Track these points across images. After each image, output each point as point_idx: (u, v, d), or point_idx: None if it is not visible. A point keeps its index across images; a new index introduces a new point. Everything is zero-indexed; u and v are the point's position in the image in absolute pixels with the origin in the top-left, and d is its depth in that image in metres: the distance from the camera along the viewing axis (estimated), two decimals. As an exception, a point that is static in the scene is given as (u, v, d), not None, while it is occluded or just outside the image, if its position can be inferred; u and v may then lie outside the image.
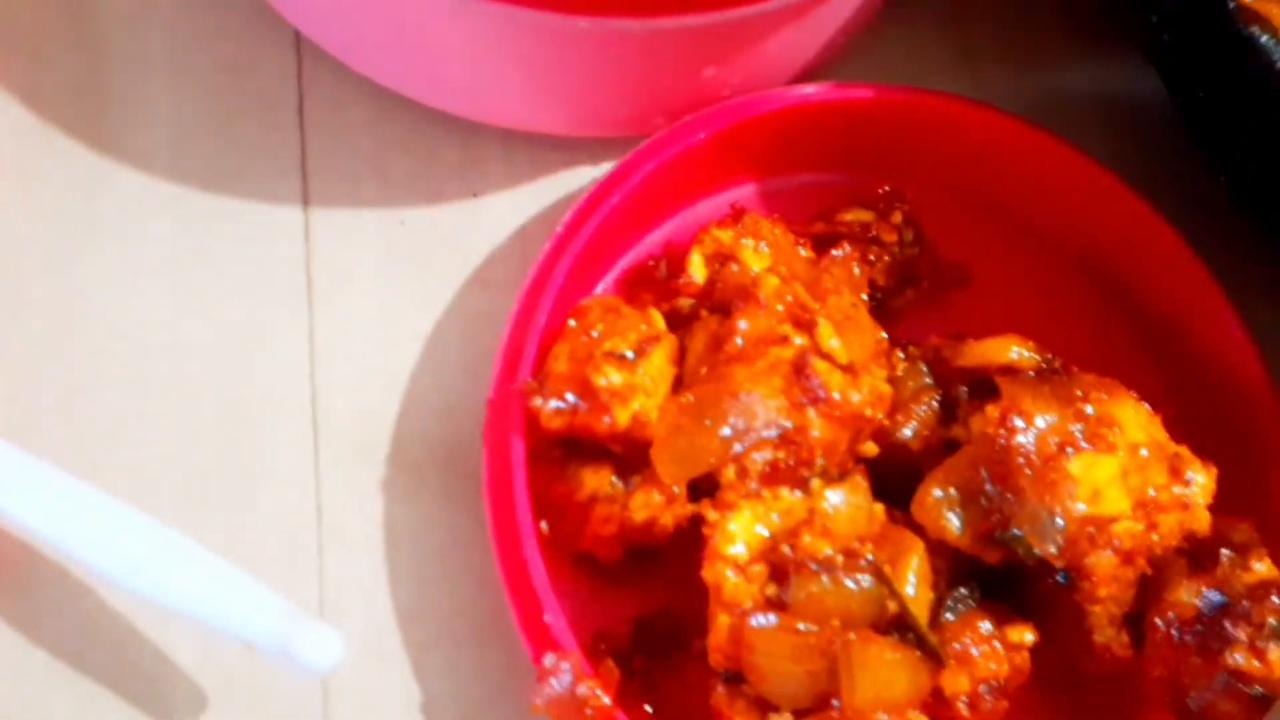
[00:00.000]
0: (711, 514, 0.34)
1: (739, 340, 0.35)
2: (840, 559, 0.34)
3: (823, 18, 0.39)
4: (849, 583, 0.33)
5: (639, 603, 0.37)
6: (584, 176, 0.43)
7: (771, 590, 0.34)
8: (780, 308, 0.34)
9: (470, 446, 0.39)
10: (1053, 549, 0.32)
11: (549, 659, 0.33)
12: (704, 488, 0.35)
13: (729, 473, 0.34)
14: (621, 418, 0.34)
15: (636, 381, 0.35)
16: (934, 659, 0.33)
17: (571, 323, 0.36)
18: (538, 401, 0.35)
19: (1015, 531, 0.33)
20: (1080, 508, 0.33)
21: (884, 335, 0.37)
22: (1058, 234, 0.42)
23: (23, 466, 0.34)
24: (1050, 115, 0.42)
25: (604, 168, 0.43)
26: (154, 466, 0.38)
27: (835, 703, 0.32)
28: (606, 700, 0.33)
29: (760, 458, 0.34)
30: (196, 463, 0.38)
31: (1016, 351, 0.35)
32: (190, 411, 0.39)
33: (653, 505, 0.35)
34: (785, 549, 0.34)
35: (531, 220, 0.42)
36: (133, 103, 0.41)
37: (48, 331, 0.39)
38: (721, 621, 0.33)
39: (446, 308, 0.41)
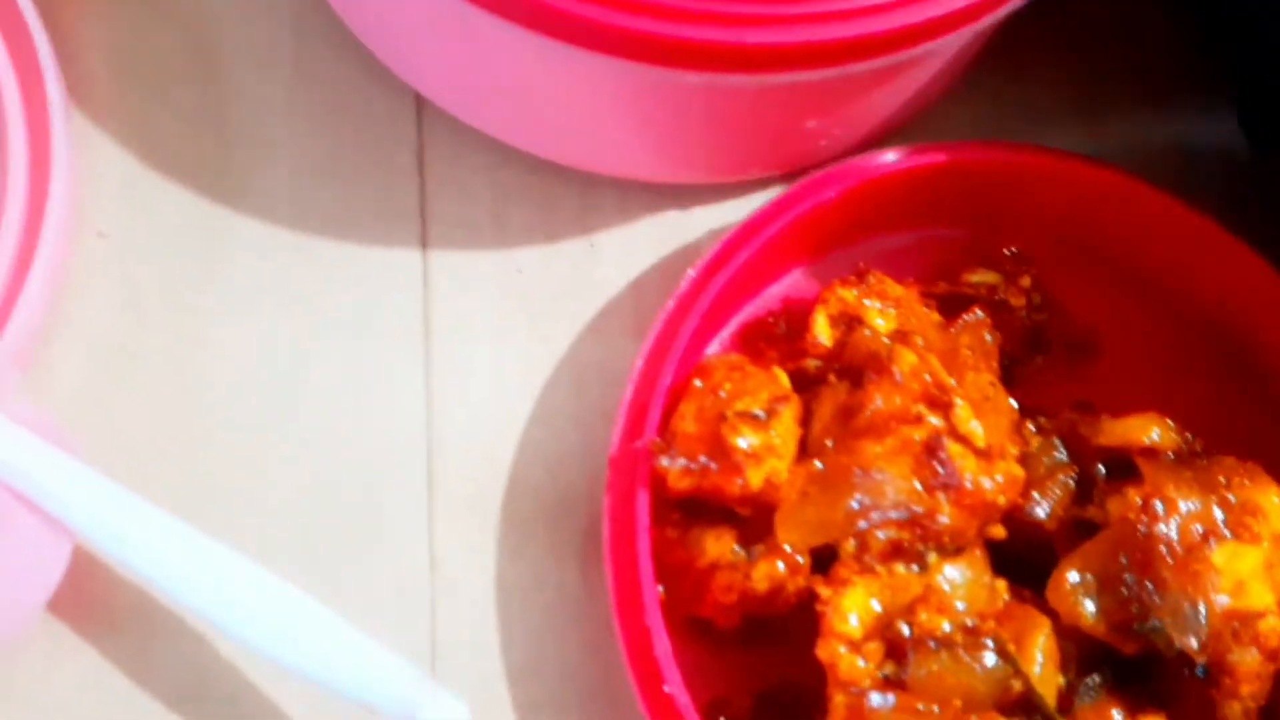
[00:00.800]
0: (824, 590, 0.34)
1: (870, 414, 0.34)
2: (960, 636, 0.33)
3: (925, 70, 0.38)
4: (970, 661, 0.33)
5: (754, 671, 0.36)
6: (700, 227, 0.42)
7: (890, 669, 0.33)
8: (916, 385, 0.34)
9: (580, 501, 0.39)
10: (1194, 644, 0.32)
11: (671, 733, 0.33)
12: (826, 557, 0.35)
13: (849, 546, 0.34)
14: (755, 479, 0.34)
15: (770, 442, 0.34)
16: None
17: (697, 382, 0.36)
18: (665, 461, 0.35)
19: (1155, 623, 0.32)
20: (1224, 601, 0.32)
21: (1016, 407, 0.36)
22: (1184, 299, 0.41)
23: (143, 515, 0.33)
24: (1171, 173, 0.41)
25: (718, 215, 0.42)
26: (268, 512, 0.38)
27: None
28: (730, 778, 0.33)
29: (884, 535, 0.33)
30: (312, 509, 0.38)
31: (1158, 432, 0.34)
32: (308, 457, 0.38)
33: (776, 575, 0.35)
34: (902, 626, 0.33)
35: (647, 271, 0.42)
36: (253, 143, 0.41)
37: (163, 372, 0.39)
38: (839, 701, 0.33)
39: (561, 358, 0.41)
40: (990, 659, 0.33)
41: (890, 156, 0.40)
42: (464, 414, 0.40)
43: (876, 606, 0.33)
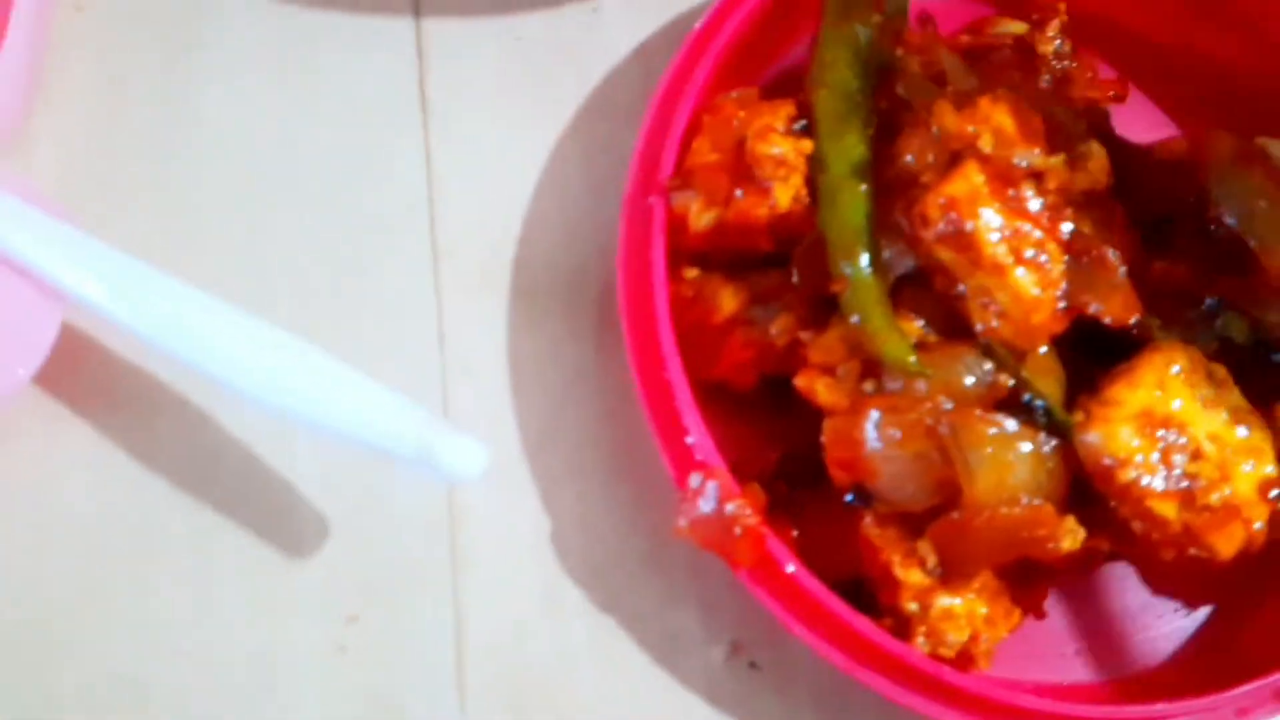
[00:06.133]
0: (804, 334, 0.33)
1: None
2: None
3: None
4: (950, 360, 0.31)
5: (773, 437, 0.35)
6: (709, -10, 0.40)
7: (870, 385, 0.32)
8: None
9: (593, 272, 0.37)
10: None
11: (695, 479, 0.32)
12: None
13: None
14: (783, 198, 0.32)
15: (799, 150, 0.32)
16: (1062, 436, 0.30)
17: (708, 119, 0.34)
18: (686, 196, 0.33)
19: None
20: None
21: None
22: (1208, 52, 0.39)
23: (152, 280, 0.32)
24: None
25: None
26: (263, 295, 0.36)
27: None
28: (755, 520, 0.31)
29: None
30: (314, 287, 0.37)
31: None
32: (306, 233, 0.37)
33: (794, 328, 0.33)
34: None
35: (653, 35, 0.39)
36: (234, -91, 0.39)
37: (158, 146, 0.37)
38: (828, 427, 0.32)
39: (565, 128, 0.39)
40: (969, 357, 0.31)
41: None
42: (466, 187, 0.38)
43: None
